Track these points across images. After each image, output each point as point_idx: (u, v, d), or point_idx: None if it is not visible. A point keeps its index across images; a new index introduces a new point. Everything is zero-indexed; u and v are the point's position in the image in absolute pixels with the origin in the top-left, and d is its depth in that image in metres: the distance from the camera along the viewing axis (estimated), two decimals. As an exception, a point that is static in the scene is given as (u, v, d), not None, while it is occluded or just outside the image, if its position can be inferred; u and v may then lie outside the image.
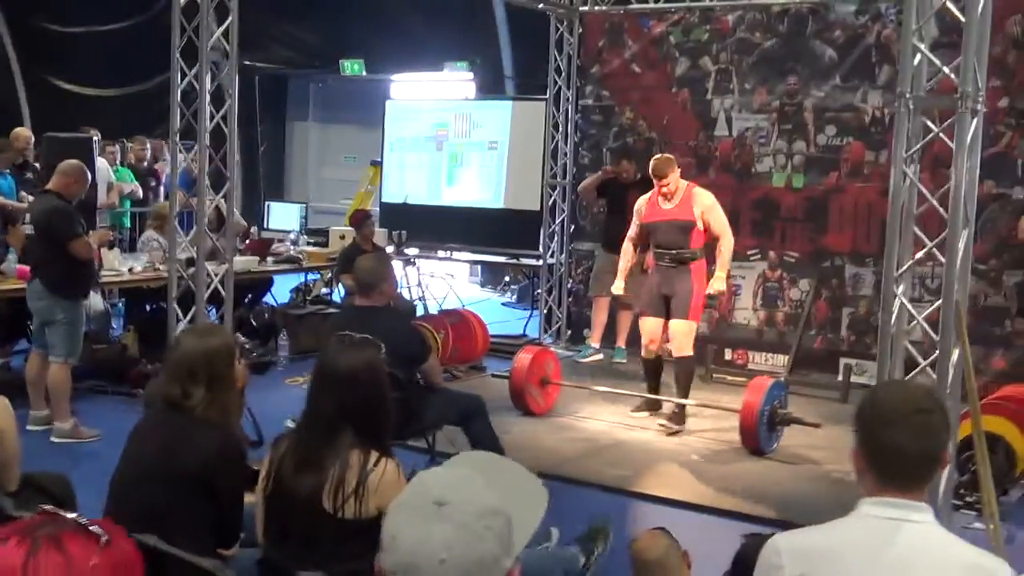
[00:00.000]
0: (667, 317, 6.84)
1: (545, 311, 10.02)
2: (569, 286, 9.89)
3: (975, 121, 4.50)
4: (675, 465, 6.20)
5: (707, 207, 6.79)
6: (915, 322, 4.78)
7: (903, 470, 2.02)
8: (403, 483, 2.92)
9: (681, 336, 6.74)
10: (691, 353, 6.81)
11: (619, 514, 5.35)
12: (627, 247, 7.17)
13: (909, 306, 4.73)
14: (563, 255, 9.79)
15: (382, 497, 2.89)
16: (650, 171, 6.84)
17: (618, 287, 7.14)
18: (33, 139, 9.40)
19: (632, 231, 7.15)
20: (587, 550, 4.27)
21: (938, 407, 2.05)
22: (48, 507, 1.38)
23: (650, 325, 6.92)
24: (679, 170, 6.89)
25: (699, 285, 6.77)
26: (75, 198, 6.41)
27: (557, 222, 9.92)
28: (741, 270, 8.91)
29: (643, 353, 7.07)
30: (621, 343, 8.94)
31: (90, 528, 1.31)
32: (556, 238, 9.94)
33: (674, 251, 6.78)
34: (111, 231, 6.59)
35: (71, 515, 1.34)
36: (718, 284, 6.73)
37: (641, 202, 7.05)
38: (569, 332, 9.88)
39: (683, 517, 5.14)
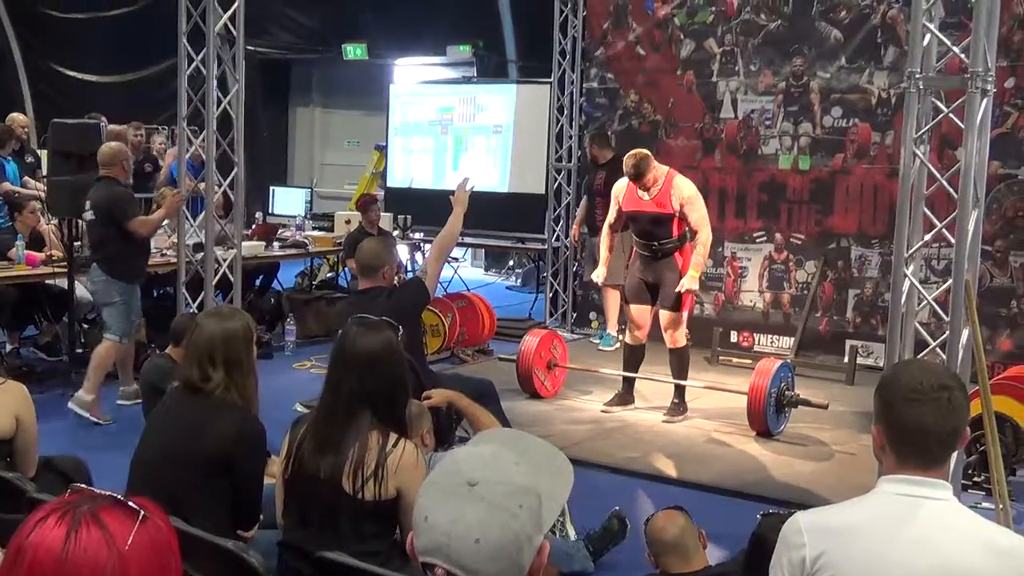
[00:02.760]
0: (653, 304, 6.71)
1: (551, 294, 10.02)
2: (575, 269, 9.90)
3: (985, 101, 4.50)
4: (683, 447, 6.23)
5: (686, 199, 6.48)
6: (924, 303, 4.79)
7: (925, 448, 2.02)
8: (422, 465, 2.94)
9: (672, 329, 6.62)
10: (684, 344, 6.72)
11: (629, 495, 5.38)
12: (606, 232, 7.00)
13: (919, 286, 4.73)
14: (568, 238, 9.79)
15: (401, 478, 2.91)
16: (624, 171, 6.56)
17: (599, 275, 6.98)
18: (31, 123, 9.41)
19: (611, 216, 6.93)
20: (601, 543, 4.32)
21: (959, 384, 2.06)
22: (79, 485, 1.39)
23: (637, 313, 6.79)
24: (655, 166, 6.55)
25: (685, 271, 6.57)
26: (126, 177, 6.69)
27: (562, 205, 9.93)
28: (747, 252, 8.92)
29: (627, 338, 7.00)
30: (611, 329, 8.88)
31: (129, 504, 1.32)
32: (561, 221, 9.95)
33: (654, 243, 6.59)
34: (177, 195, 6.74)
35: (106, 492, 1.35)
36: (688, 283, 6.45)
37: (620, 186, 6.76)
38: (575, 315, 9.89)
39: (692, 498, 5.15)
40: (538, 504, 1.49)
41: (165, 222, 8.20)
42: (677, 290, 6.49)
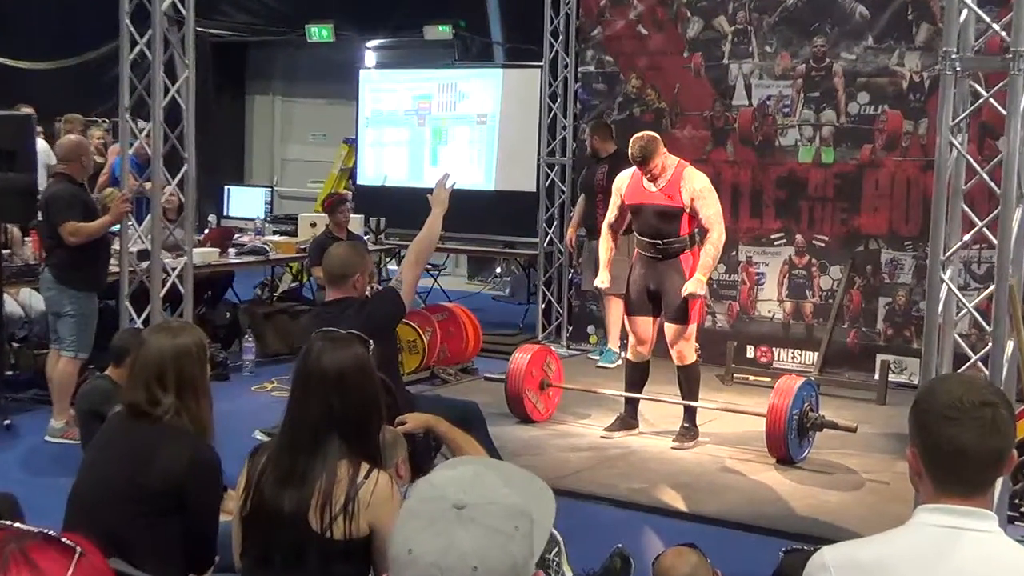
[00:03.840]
0: (657, 314, 6.72)
1: (543, 305, 10.03)
2: (570, 277, 9.91)
3: (1029, 84, 4.52)
4: (694, 476, 6.23)
5: (697, 192, 6.48)
6: (964, 312, 4.81)
7: (966, 472, 2.02)
8: (397, 498, 2.94)
9: (679, 343, 6.62)
10: (694, 360, 6.74)
11: (634, 530, 5.38)
12: (606, 233, 6.98)
13: (958, 293, 4.75)
14: (563, 242, 9.79)
15: (374, 514, 2.91)
16: (630, 156, 6.58)
17: (602, 280, 6.98)
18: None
19: (611, 213, 6.92)
20: None
21: (1003, 401, 2.06)
22: (5, 523, 1.39)
23: (639, 325, 6.79)
24: (665, 151, 6.59)
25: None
26: (84, 176, 6.74)
27: (556, 205, 9.94)
28: (764, 256, 8.95)
29: (629, 354, 6.99)
30: (612, 344, 8.88)
31: (62, 540, 1.32)
32: (555, 223, 9.95)
33: (659, 242, 6.57)
34: (127, 203, 6.70)
35: (37, 528, 1.35)
36: (692, 286, 6.42)
37: (623, 178, 6.81)
38: (570, 329, 9.90)
39: (706, 533, 5.16)
40: (530, 527, 1.51)
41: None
42: (682, 295, 6.48)
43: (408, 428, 3.85)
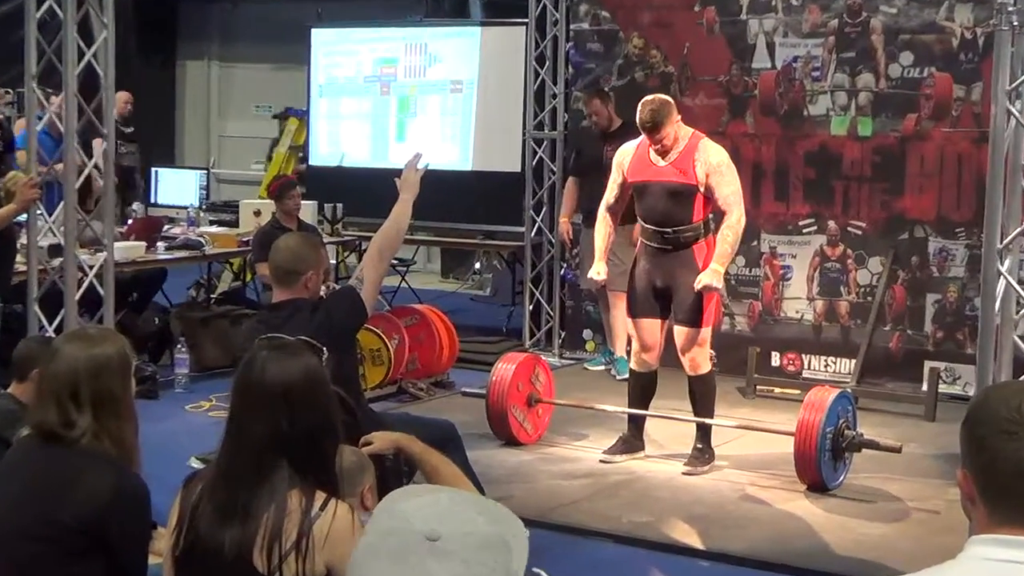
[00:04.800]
0: (665, 316, 6.74)
1: (531, 306, 10.06)
2: (563, 272, 9.94)
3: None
4: (710, 507, 6.25)
5: (714, 167, 6.50)
6: (1025, 309, 4.84)
7: (1025, 497, 2.03)
8: (359, 532, 2.94)
9: (692, 350, 6.64)
10: (709, 369, 6.77)
11: (640, 571, 5.41)
12: (604, 216, 6.95)
13: (1018, 288, 4.78)
14: (554, 232, 9.81)
15: (332, 552, 2.91)
16: (638, 122, 6.57)
17: (597, 271, 6.90)
18: None
19: (610, 193, 6.91)
20: None
21: (1071, 413, 2.07)
22: None
23: (644, 329, 6.80)
24: (678, 118, 6.60)
25: None
26: None
27: (545, 187, 9.96)
28: (791, 247, 8.98)
29: (633, 363, 7.00)
30: (620, 351, 8.85)
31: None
32: (544, 209, 9.98)
33: (668, 229, 6.55)
34: (35, 189, 6.64)
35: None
36: (708, 277, 6.44)
37: (625, 152, 6.82)
38: (563, 334, 9.92)
39: (725, 574, 5.19)
40: (509, 560, 1.54)
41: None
42: (695, 288, 6.48)
43: (376, 449, 3.85)
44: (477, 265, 13.68)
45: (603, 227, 6.97)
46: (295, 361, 3.08)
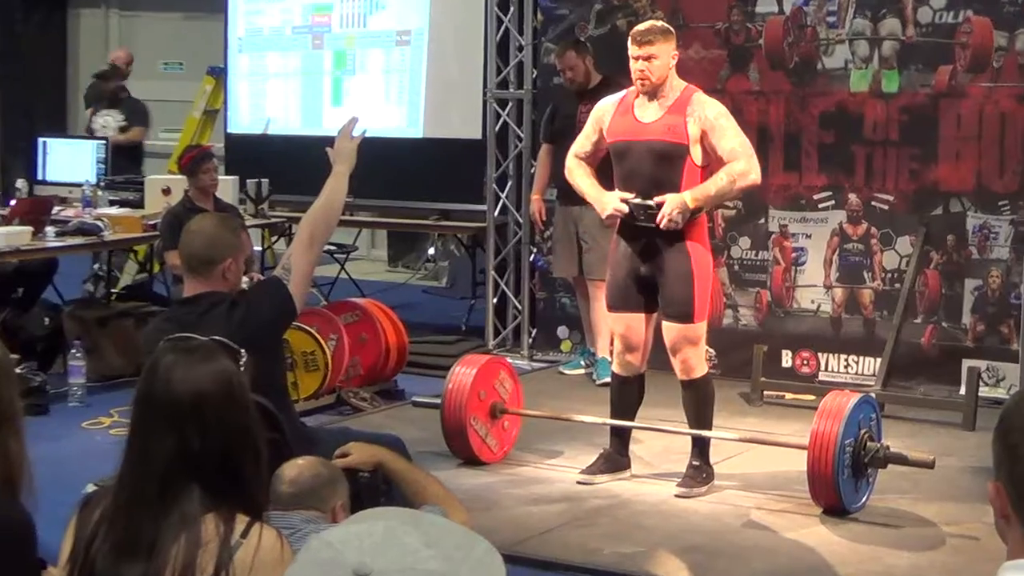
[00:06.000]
0: (652, 310, 6.78)
1: (495, 299, 10.13)
2: (532, 258, 9.98)
3: None
4: (708, 535, 6.30)
5: (710, 122, 6.52)
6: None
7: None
8: (288, 561, 2.99)
9: (684, 349, 6.67)
10: (704, 373, 6.83)
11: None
12: (576, 162, 6.90)
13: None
14: (521, 211, 9.89)
15: (259, 585, 2.98)
16: (631, 35, 6.60)
17: (615, 204, 6.59)
18: None
19: (579, 145, 6.93)
20: None
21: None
22: None
23: (627, 325, 6.82)
24: (677, 54, 6.66)
25: (702, 258, 6.61)
26: None
27: (511, 157, 10.02)
28: (805, 225, 9.01)
29: (615, 367, 7.02)
30: (602, 351, 8.84)
31: None
32: (509, 183, 10.04)
33: (652, 202, 6.53)
34: None
35: None
36: (671, 203, 6.35)
37: (605, 106, 6.85)
38: (534, 332, 9.99)
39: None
40: None
41: None
42: (658, 220, 6.37)
43: (351, 462, 3.91)
44: (431, 251, 13.69)
45: (581, 168, 6.90)
46: (207, 366, 3.12)
